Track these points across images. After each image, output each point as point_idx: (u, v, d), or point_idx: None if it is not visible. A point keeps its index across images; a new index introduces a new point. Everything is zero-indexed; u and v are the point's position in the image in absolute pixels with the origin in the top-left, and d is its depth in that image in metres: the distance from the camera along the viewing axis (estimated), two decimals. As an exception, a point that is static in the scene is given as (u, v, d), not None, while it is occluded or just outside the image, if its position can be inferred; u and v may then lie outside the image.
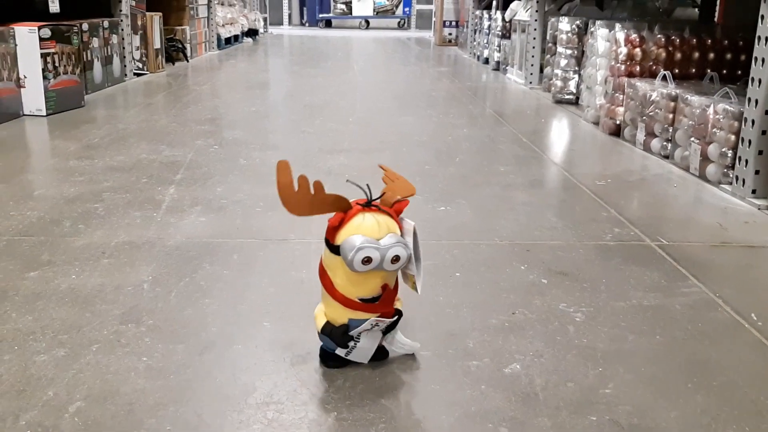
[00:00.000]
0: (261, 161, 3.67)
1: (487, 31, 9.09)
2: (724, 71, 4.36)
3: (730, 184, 3.23)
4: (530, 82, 6.94)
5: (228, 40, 11.09)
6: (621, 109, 4.44)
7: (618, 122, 4.48)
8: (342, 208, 1.51)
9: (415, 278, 1.61)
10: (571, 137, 4.72)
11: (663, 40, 4.42)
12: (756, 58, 3.02)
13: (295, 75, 8.08)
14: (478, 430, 1.44)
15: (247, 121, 4.85)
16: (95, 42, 5.84)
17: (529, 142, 4.35)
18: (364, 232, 1.47)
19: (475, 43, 10.04)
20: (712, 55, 4.41)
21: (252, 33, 12.95)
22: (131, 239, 2.47)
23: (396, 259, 1.49)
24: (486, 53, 9.18)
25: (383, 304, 1.57)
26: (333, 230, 1.51)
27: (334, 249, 1.50)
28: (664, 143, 3.89)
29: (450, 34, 12.93)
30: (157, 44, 7.35)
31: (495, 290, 2.12)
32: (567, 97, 5.82)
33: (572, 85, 5.79)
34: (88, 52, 5.72)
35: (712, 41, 4.43)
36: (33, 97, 4.71)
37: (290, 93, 6.53)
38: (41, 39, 4.65)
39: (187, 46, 8.61)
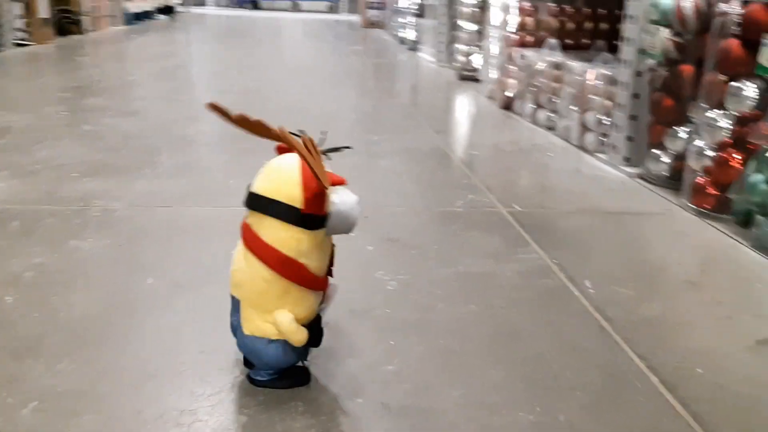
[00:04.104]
0: (109, 127, 3.31)
1: (405, 10, 8.85)
2: (615, 42, 4.20)
3: (606, 153, 3.05)
4: (439, 60, 6.73)
5: (138, 16, 10.54)
6: (512, 81, 4.25)
7: (509, 95, 4.28)
8: (273, 135, 1.23)
9: None
10: (462, 111, 4.51)
11: (556, 9, 4.23)
12: (628, 15, 2.84)
13: (200, 51, 7.67)
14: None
15: (116, 90, 4.47)
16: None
17: (418, 113, 4.11)
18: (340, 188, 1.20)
19: (395, 23, 9.80)
20: (605, 26, 4.25)
21: (167, 11, 12.39)
22: None
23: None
24: (403, 33, 8.95)
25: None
26: (318, 202, 1.19)
27: (320, 223, 1.19)
28: (549, 114, 3.70)
29: (375, 16, 12.66)
30: (44, 14, 6.83)
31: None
32: (470, 73, 5.61)
33: (475, 61, 5.59)
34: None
35: (606, 11, 4.27)
36: None
37: (183, 65, 6.14)
38: None
39: (84, 18, 8.08)
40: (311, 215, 1.18)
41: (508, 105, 4.31)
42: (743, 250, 2.04)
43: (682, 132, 2.57)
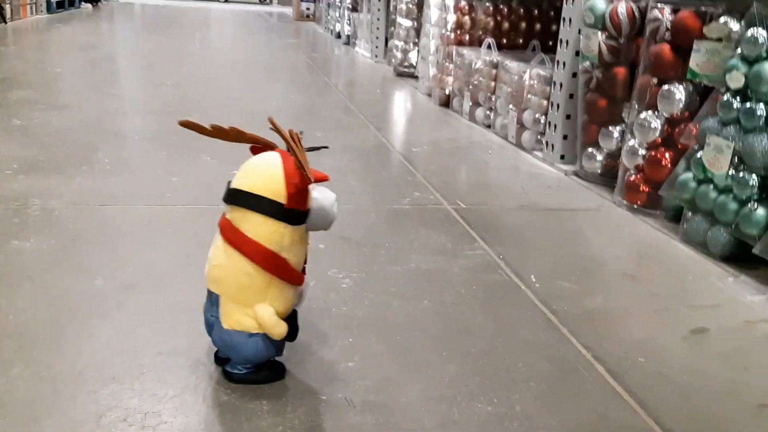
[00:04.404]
0: (40, 122, 3.20)
1: (339, 4, 8.83)
2: (550, 42, 4.34)
3: (542, 150, 3.15)
4: (375, 56, 6.76)
5: (61, 4, 10.12)
6: (450, 79, 4.32)
7: (447, 92, 4.36)
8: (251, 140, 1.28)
9: None
10: (401, 108, 4.56)
11: (491, 8, 4.33)
12: (564, 19, 2.94)
13: (128, 41, 7.44)
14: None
15: (44, 82, 4.30)
16: None
17: (357, 110, 4.13)
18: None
19: (329, 17, 9.76)
20: (538, 26, 4.37)
21: (92, -1, 11.95)
22: None
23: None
24: (338, 27, 8.92)
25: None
26: (301, 197, 1.22)
27: (302, 218, 1.23)
28: (487, 112, 3.79)
29: (308, 8, 12.56)
30: (-39, 0, 6.49)
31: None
32: (407, 69, 5.67)
33: (412, 58, 5.65)
34: None
35: (539, 12, 4.40)
36: None
37: (111, 56, 5.96)
38: None
39: (6, 6, 7.71)
40: (294, 210, 1.22)
41: (446, 102, 4.38)
42: (674, 245, 2.17)
43: (616, 131, 2.70)
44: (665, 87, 2.36)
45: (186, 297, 1.59)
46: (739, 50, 2.04)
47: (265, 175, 1.22)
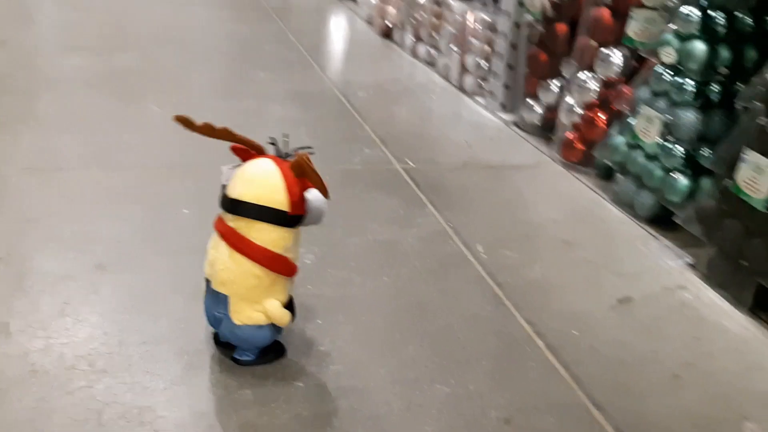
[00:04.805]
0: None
1: None
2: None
3: (484, 97, 3.26)
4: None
5: None
6: (392, 9, 4.30)
7: (389, 24, 4.35)
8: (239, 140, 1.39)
9: None
10: (343, 39, 4.53)
11: (434, -63, 4.27)
12: (508, -29, 2.99)
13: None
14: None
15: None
16: None
17: (297, 42, 4.09)
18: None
19: None
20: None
21: None
22: None
23: None
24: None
25: None
26: (301, 203, 1.37)
27: (302, 220, 1.39)
28: (430, 50, 3.84)
29: None
30: None
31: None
32: (345, -10, 5.56)
33: (351, -22, 5.53)
34: None
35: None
36: None
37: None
38: None
39: None
40: (296, 215, 1.37)
41: (387, 33, 4.38)
42: (606, 206, 2.36)
43: (554, 86, 2.83)
44: (603, 50, 2.49)
45: (158, 277, 1.69)
46: (672, 25, 2.17)
47: (267, 185, 1.35)
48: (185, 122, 1.31)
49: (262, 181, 1.35)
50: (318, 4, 5.30)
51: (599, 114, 2.55)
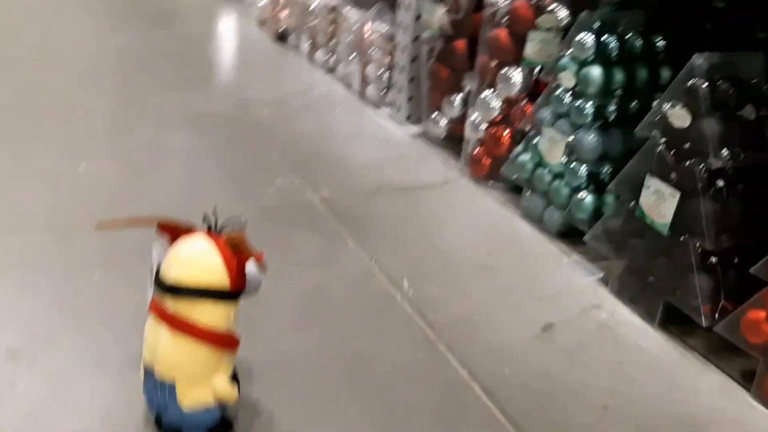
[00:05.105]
0: None
1: None
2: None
3: (389, 108, 3.28)
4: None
5: None
6: (284, 14, 4.22)
7: (281, 28, 4.27)
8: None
9: None
10: (237, 46, 4.41)
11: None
12: (403, -14, 2.99)
13: None
14: None
15: None
16: None
17: (190, 53, 3.94)
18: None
19: None
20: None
21: None
22: None
23: None
24: None
25: None
26: (241, 277, 1.34)
27: (239, 295, 1.36)
28: (328, 56, 3.80)
29: None
30: None
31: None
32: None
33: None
34: None
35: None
36: None
37: None
38: None
39: None
40: (236, 290, 1.35)
41: (281, 37, 4.30)
42: (517, 222, 2.45)
43: (457, 100, 2.87)
44: (503, 71, 2.55)
45: (81, 364, 1.61)
46: (570, 50, 2.25)
47: (205, 267, 1.31)
48: (110, 225, 1.25)
49: (198, 263, 1.32)
50: (203, 6, 5.11)
51: (503, 131, 2.63)
